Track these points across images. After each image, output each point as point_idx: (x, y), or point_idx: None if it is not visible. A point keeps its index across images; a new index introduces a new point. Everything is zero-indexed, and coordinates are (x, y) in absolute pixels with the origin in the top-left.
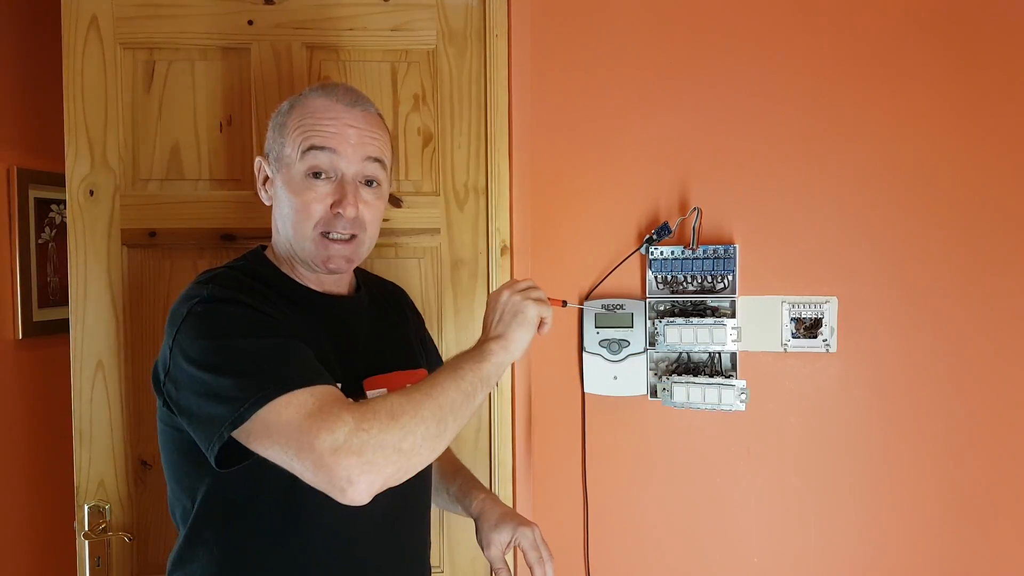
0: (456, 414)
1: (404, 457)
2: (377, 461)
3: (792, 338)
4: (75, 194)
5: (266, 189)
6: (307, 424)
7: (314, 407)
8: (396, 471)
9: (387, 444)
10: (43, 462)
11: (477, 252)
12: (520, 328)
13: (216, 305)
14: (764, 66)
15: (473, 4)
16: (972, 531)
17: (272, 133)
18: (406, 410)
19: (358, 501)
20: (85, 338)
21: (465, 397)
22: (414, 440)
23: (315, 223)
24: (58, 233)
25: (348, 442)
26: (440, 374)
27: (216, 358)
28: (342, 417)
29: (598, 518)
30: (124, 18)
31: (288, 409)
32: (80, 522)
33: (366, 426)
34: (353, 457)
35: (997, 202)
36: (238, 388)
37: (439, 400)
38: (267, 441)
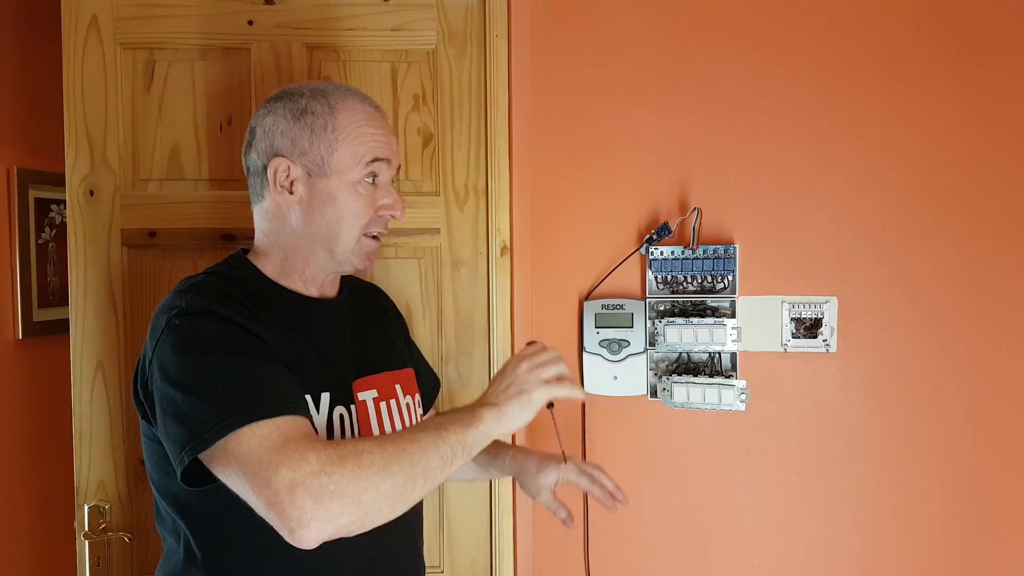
0: (428, 477)
1: (362, 510)
2: (333, 509)
3: (792, 338)
4: (75, 194)
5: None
6: (268, 457)
7: (278, 440)
8: (351, 523)
9: (347, 493)
10: (43, 462)
11: (477, 252)
12: (521, 408)
13: (193, 319)
14: (764, 66)
15: (473, 4)
16: (972, 531)
17: (303, 132)
18: (375, 462)
19: (306, 545)
20: (85, 338)
21: (442, 461)
22: (375, 495)
23: (365, 224)
24: (58, 233)
25: (307, 483)
26: (422, 430)
27: (188, 377)
28: (306, 456)
29: (598, 518)
30: (124, 18)
31: (252, 440)
32: (80, 522)
33: (329, 470)
34: (309, 500)
35: (997, 202)
36: (205, 411)
37: (413, 458)
38: (227, 469)
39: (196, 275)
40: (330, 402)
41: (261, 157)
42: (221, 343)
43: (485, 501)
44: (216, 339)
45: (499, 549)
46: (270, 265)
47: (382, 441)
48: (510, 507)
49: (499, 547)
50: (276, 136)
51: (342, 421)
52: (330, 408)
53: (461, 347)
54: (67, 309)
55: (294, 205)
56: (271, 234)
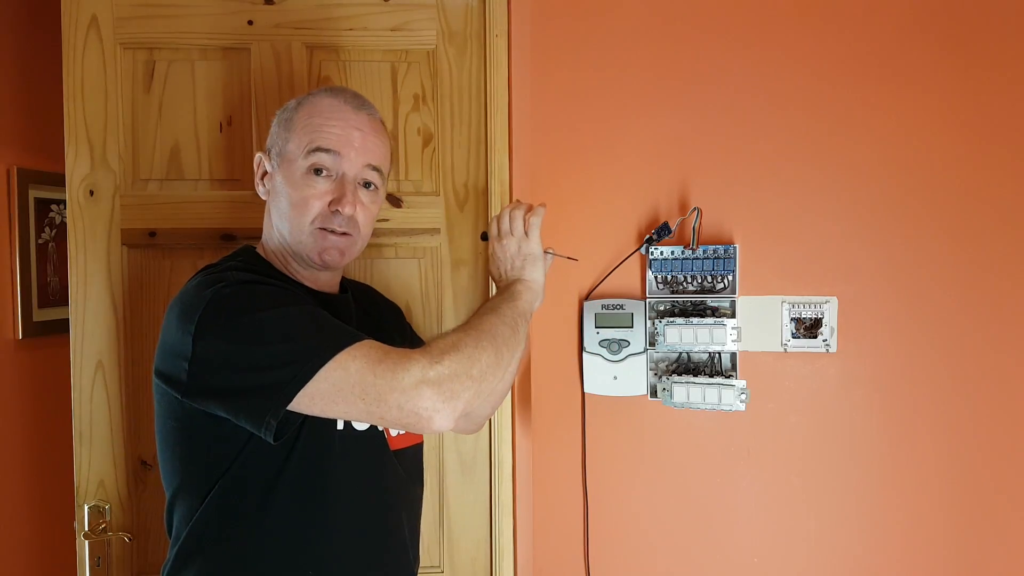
0: (508, 344)
1: (476, 382)
2: (456, 388)
3: (792, 338)
4: (75, 194)
5: (264, 184)
6: (380, 369)
7: (379, 355)
8: (473, 395)
9: (460, 372)
10: (43, 462)
11: (477, 252)
12: (533, 267)
13: (245, 286)
14: (764, 66)
15: (473, 4)
16: (973, 530)
17: (277, 129)
18: (466, 343)
19: (444, 428)
20: (85, 338)
21: (511, 330)
22: (481, 367)
23: (312, 218)
24: (58, 233)
25: (425, 376)
26: (479, 315)
27: (260, 330)
28: (412, 356)
29: (598, 518)
30: (124, 18)
31: (355, 361)
32: (80, 522)
33: (437, 359)
34: (433, 388)
35: (997, 202)
36: (293, 352)
37: (491, 332)
38: (337, 397)
39: (217, 262)
40: None
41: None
42: (282, 296)
43: (485, 501)
44: (276, 294)
45: (499, 549)
46: (270, 259)
47: (457, 331)
48: (510, 507)
49: (499, 547)
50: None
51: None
52: None
53: None
54: (67, 309)
55: (266, 198)
56: (265, 229)
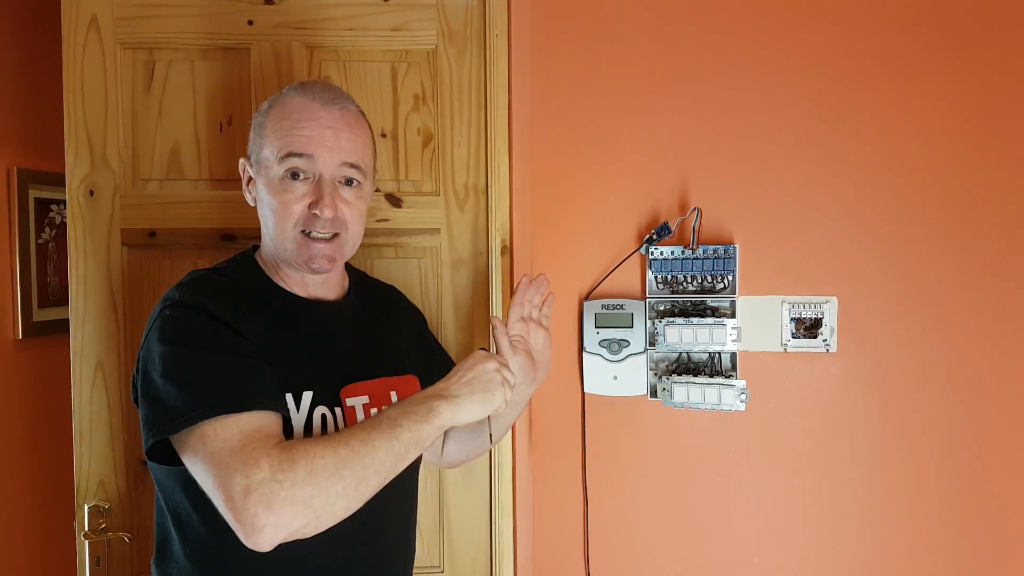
0: (380, 474)
1: (313, 513)
2: (284, 514)
3: (792, 338)
4: (75, 194)
5: (250, 190)
6: (227, 461)
7: (238, 444)
8: (303, 526)
9: (297, 499)
10: (43, 462)
11: (477, 252)
12: (481, 404)
13: (182, 311)
14: (764, 66)
15: (473, 4)
16: (973, 530)
17: (252, 134)
18: (327, 466)
19: (261, 548)
20: (85, 338)
21: (395, 459)
22: (327, 499)
23: (295, 223)
24: (58, 233)
25: (259, 490)
26: (377, 428)
27: (167, 365)
28: (259, 463)
29: (598, 518)
30: (124, 18)
31: (215, 438)
32: (80, 522)
33: (280, 477)
34: (261, 506)
35: (997, 202)
36: (178, 399)
37: (365, 460)
38: (193, 460)
39: (201, 269)
40: (312, 401)
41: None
42: (203, 337)
43: (485, 501)
44: (199, 333)
45: (499, 549)
46: (266, 264)
47: (335, 443)
48: (510, 507)
49: (499, 547)
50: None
51: (324, 420)
52: (311, 407)
53: (461, 347)
54: (67, 309)
55: (254, 205)
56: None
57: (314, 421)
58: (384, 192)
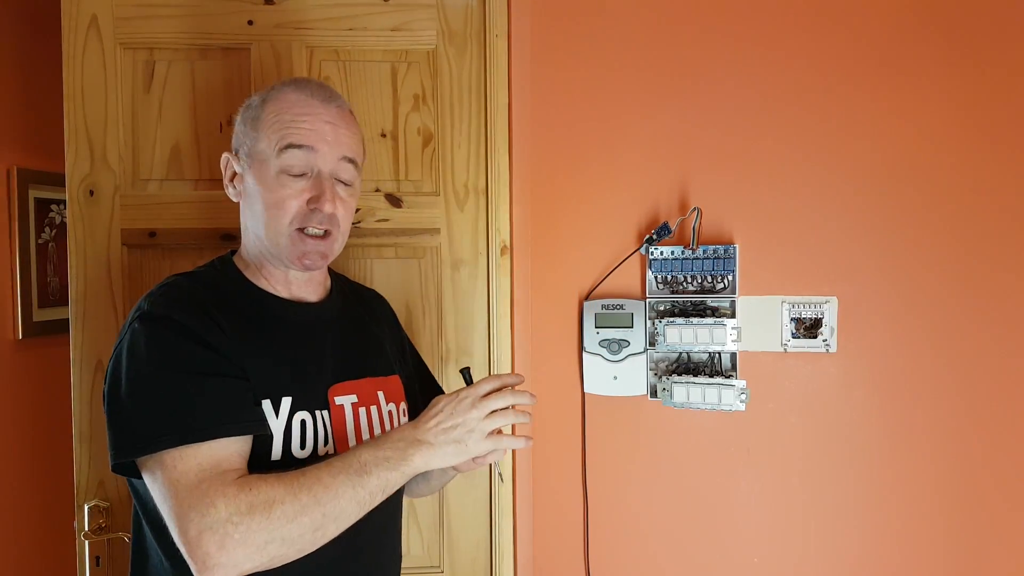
0: (340, 521)
1: (266, 557)
2: (236, 555)
3: (792, 338)
4: (75, 194)
5: (234, 185)
6: (184, 495)
7: (195, 479)
8: (256, 567)
9: (251, 542)
10: (43, 462)
11: (477, 252)
12: (455, 455)
13: (150, 325)
14: (764, 66)
15: (473, 4)
16: (973, 530)
17: (242, 127)
18: (285, 512)
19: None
20: (85, 338)
21: (358, 506)
22: (281, 544)
23: (291, 219)
24: (58, 233)
25: (213, 529)
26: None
27: (131, 384)
28: (215, 503)
29: (598, 518)
30: (124, 18)
31: (174, 470)
32: (80, 522)
33: (236, 520)
34: (214, 546)
35: (998, 201)
36: (139, 422)
37: (326, 508)
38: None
39: (175, 275)
40: (291, 407)
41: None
42: (170, 356)
43: (485, 501)
44: (166, 351)
45: (499, 549)
46: (243, 264)
47: (296, 488)
48: (510, 507)
49: (499, 547)
50: (233, 135)
51: (303, 427)
52: (290, 413)
53: (461, 347)
54: (67, 309)
55: (238, 200)
56: (242, 232)
57: (293, 427)
58: (384, 192)
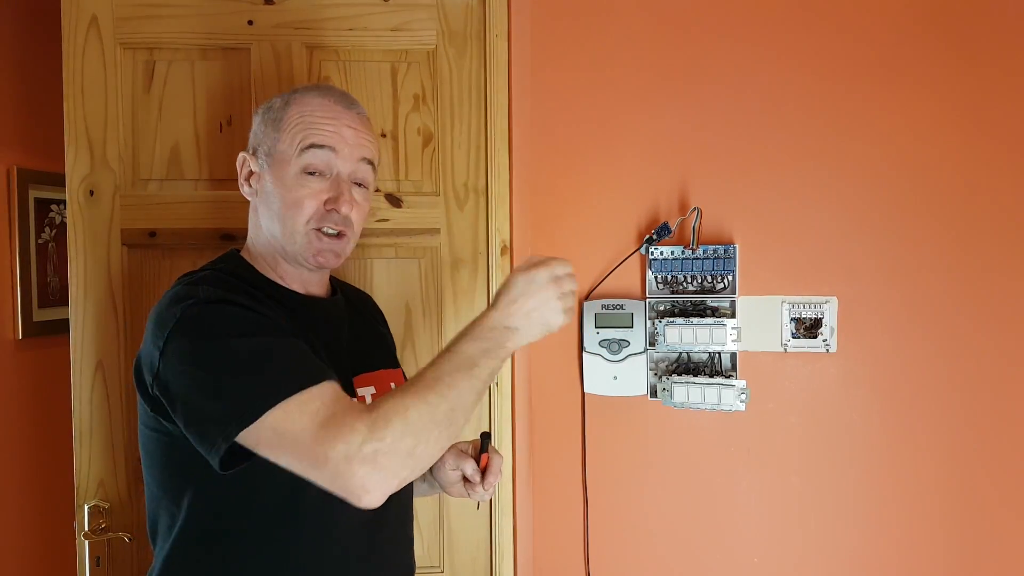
0: (467, 412)
1: (416, 461)
2: (392, 467)
3: (792, 338)
4: (75, 194)
5: (250, 184)
6: (320, 434)
7: (326, 414)
8: (410, 474)
9: (400, 451)
10: (43, 462)
11: (477, 252)
12: (541, 334)
13: (212, 306)
14: (764, 66)
15: (473, 4)
16: (973, 530)
17: (263, 127)
18: (421, 415)
19: (374, 505)
20: (85, 338)
21: (476, 396)
22: (427, 446)
23: (308, 218)
24: (58, 233)
25: (362, 451)
26: (458, 369)
27: (220, 359)
28: (355, 427)
29: (598, 518)
30: (124, 18)
31: (300, 416)
32: (80, 522)
33: (379, 435)
34: (368, 466)
35: (997, 202)
36: (244, 388)
37: (453, 403)
38: (278, 450)
39: (197, 270)
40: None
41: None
42: (243, 324)
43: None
44: (238, 321)
45: (499, 549)
46: (256, 262)
47: (422, 390)
48: (510, 507)
49: (499, 547)
50: (250, 135)
51: None
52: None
53: None
54: (67, 309)
55: (254, 199)
56: (252, 230)
57: None
58: (384, 192)
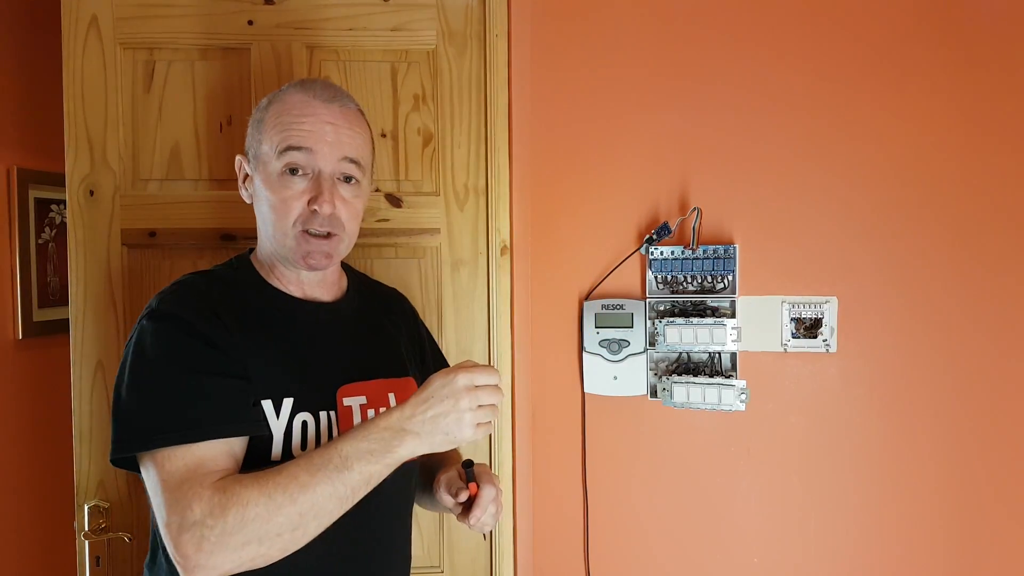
0: (324, 517)
1: (247, 558)
2: (215, 559)
3: (792, 338)
4: (75, 194)
5: (246, 187)
6: (167, 496)
7: (180, 478)
8: (237, 567)
9: (228, 545)
10: (43, 462)
11: (477, 252)
12: (442, 445)
13: (157, 324)
14: (764, 66)
15: (473, 4)
16: (973, 530)
17: (251, 130)
18: (259, 515)
19: None
20: (85, 338)
21: (339, 502)
22: (260, 547)
23: (294, 220)
24: (58, 233)
25: (191, 531)
26: (323, 469)
27: (133, 380)
28: (193, 505)
29: (598, 518)
30: (124, 18)
31: (161, 469)
32: (80, 522)
33: (211, 521)
34: (192, 547)
35: (997, 202)
36: (137, 419)
37: (304, 507)
38: (145, 477)
39: (191, 273)
40: (293, 408)
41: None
42: (171, 353)
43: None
44: (167, 348)
45: (499, 549)
46: (261, 265)
47: (272, 489)
48: (510, 507)
49: (499, 547)
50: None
51: (304, 428)
52: (292, 414)
53: (461, 347)
54: (67, 309)
55: (250, 202)
56: (257, 233)
57: (294, 429)
58: (384, 192)
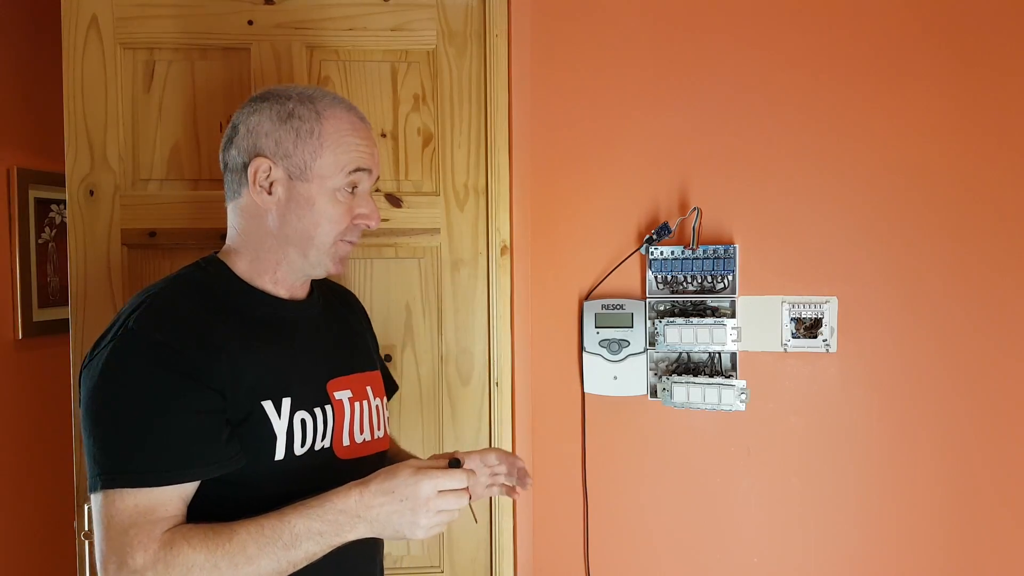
0: None
1: None
2: None
3: (792, 338)
4: (75, 194)
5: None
6: (112, 537)
7: (127, 523)
8: None
9: None
10: (43, 462)
11: (477, 252)
12: (392, 537)
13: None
14: (764, 66)
15: (473, 4)
16: (973, 530)
17: (289, 135)
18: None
19: None
20: (85, 338)
21: (279, 574)
22: None
23: (342, 231)
24: (58, 233)
25: None
26: (272, 544)
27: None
28: (135, 556)
29: (598, 518)
30: (124, 18)
31: (110, 507)
32: (80, 522)
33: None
34: None
35: (997, 202)
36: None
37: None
38: (92, 510)
39: (163, 280)
40: (291, 407)
41: (242, 155)
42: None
43: (485, 501)
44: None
45: (499, 549)
46: (241, 263)
47: (218, 556)
48: (510, 507)
49: (499, 547)
50: (260, 136)
51: (303, 426)
52: (291, 413)
53: (461, 347)
54: (67, 309)
55: (271, 206)
56: (244, 232)
57: (295, 428)
58: (384, 192)
